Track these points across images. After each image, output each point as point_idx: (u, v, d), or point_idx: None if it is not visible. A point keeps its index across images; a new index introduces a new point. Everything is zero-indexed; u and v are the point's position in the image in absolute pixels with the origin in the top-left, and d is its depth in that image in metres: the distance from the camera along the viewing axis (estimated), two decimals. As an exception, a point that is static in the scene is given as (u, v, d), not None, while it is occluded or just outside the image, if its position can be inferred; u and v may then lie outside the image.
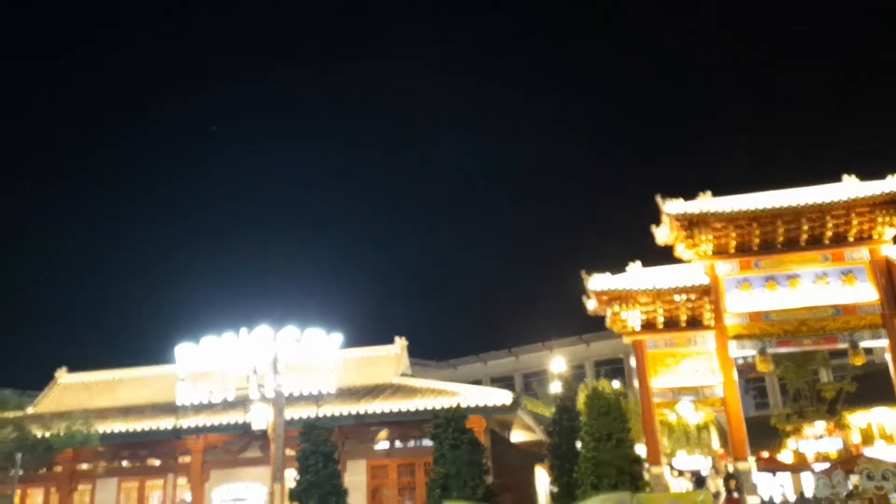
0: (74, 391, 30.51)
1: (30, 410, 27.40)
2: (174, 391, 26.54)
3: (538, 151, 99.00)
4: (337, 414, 23.76)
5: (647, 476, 21.16)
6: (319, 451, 20.35)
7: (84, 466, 26.28)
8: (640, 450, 22.57)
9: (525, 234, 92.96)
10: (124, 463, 26.66)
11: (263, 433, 22.84)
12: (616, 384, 33.97)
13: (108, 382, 30.77)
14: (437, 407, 22.12)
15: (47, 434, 22.93)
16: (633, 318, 23.51)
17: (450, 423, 19.54)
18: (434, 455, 19.78)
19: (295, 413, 22.59)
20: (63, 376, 31.69)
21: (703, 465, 27.34)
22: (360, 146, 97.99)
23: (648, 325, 23.64)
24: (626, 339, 24.03)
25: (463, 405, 21.50)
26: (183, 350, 27.02)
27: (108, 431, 24.41)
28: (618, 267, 23.86)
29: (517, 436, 29.29)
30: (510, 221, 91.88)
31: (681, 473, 27.11)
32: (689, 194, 23.63)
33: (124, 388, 29.97)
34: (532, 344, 46.63)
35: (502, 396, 23.68)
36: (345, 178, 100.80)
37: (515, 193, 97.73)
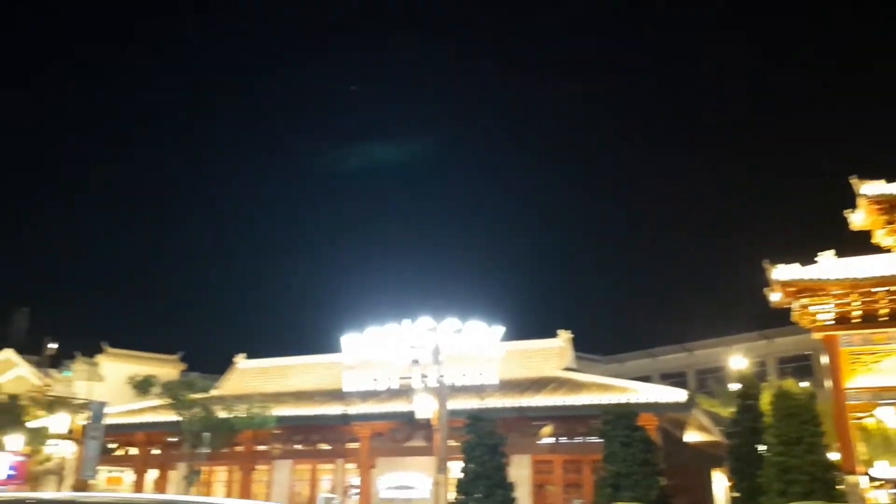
0: (251, 376, 32.30)
1: (213, 393, 29.19)
2: (341, 378, 27.55)
3: (710, 134, 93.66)
4: (500, 406, 23.34)
5: (842, 485, 19.04)
6: (485, 442, 20.01)
7: (261, 447, 27.64)
8: (833, 456, 20.37)
9: (698, 223, 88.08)
10: (297, 446, 27.80)
11: (427, 422, 22.91)
12: (804, 384, 31.10)
13: (281, 368, 32.32)
14: (604, 403, 21.13)
15: (229, 415, 24.25)
16: (824, 312, 21.23)
17: (620, 419, 18.53)
18: (604, 453, 18.83)
19: (458, 404, 22.41)
20: (241, 362, 33.68)
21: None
22: (524, 145, 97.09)
23: (842, 320, 21.21)
24: (816, 335, 21.75)
25: (633, 402, 20.37)
26: (348, 340, 27.92)
27: (284, 415, 25.43)
28: (802, 257, 21.63)
29: (691, 436, 27.52)
30: (684, 210, 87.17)
31: (881, 485, 24.26)
32: (891, 175, 20.97)
33: (295, 375, 31.34)
34: (707, 339, 43.91)
35: (676, 394, 22.25)
36: (510, 172, 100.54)
37: (689, 180, 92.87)
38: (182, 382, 26.77)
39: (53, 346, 39.36)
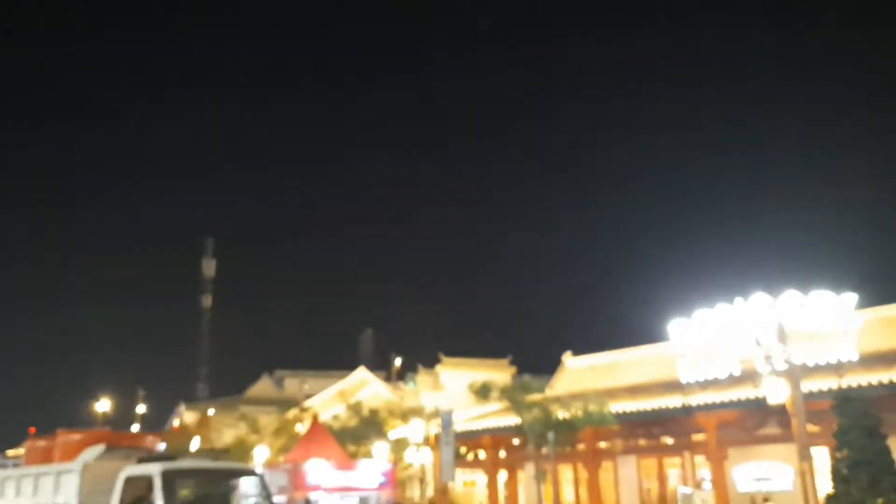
0: (581, 373, 32.51)
1: (547, 393, 29.84)
2: (675, 368, 26.40)
3: None
4: (865, 384, 20.70)
5: None
6: (860, 424, 17.75)
7: (603, 444, 27.59)
8: None
9: None
10: (640, 441, 27.27)
11: (781, 408, 21.03)
12: None
13: (610, 364, 32.10)
14: None
15: (567, 414, 24.53)
16: None
17: None
18: None
19: (813, 385, 20.30)
20: (569, 360, 34.09)
21: None
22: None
23: None
24: None
25: None
26: (676, 326, 26.71)
27: (621, 411, 25.12)
28: None
29: None
30: None
31: None
32: None
33: (626, 368, 30.87)
34: None
35: None
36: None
37: None
38: (517, 385, 27.72)
39: (398, 360, 43.45)
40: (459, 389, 29.73)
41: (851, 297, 22.53)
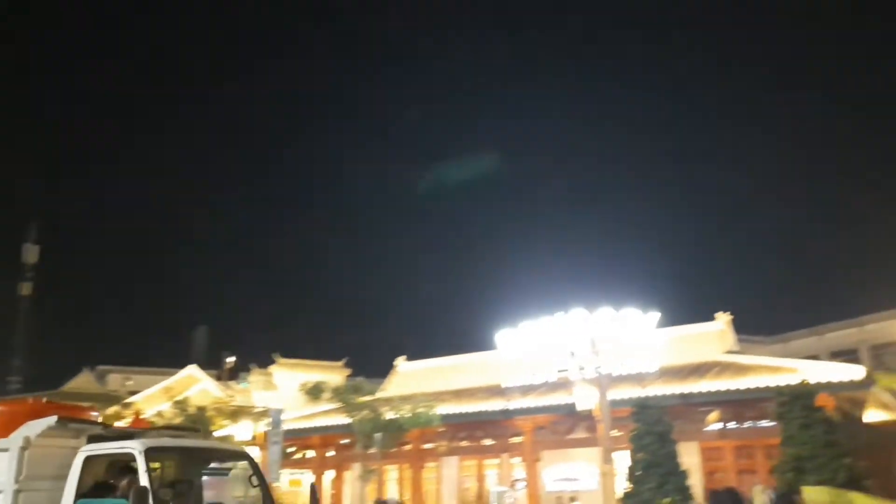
0: (412, 377, 33.54)
1: (378, 395, 30.57)
2: (499, 374, 28.03)
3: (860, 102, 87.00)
4: (663, 394, 23.02)
5: None
6: (654, 430, 19.83)
7: (428, 445, 28.66)
8: None
9: (858, 190, 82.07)
10: (463, 443, 28.62)
11: (589, 414, 22.96)
12: None
13: (440, 368, 33.39)
14: (776, 384, 20.39)
15: (396, 415, 25.34)
16: None
17: (796, 400, 17.82)
18: (781, 436, 18.18)
19: (619, 394, 22.33)
20: (402, 364, 35.04)
21: None
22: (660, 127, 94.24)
23: None
24: None
25: (808, 382, 19.53)
26: (503, 336, 28.35)
27: (447, 413, 26.26)
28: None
29: (872, 415, 25.90)
30: (840, 175, 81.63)
31: None
32: None
33: (454, 373, 32.25)
34: (881, 312, 40.94)
35: (852, 371, 21.09)
36: (652, 155, 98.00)
37: (840, 146, 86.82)
38: (349, 386, 28.14)
39: (231, 359, 42.58)
40: (294, 390, 29.76)
41: (655, 316, 25.05)
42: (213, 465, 10.10)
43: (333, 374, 36.09)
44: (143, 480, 7.84)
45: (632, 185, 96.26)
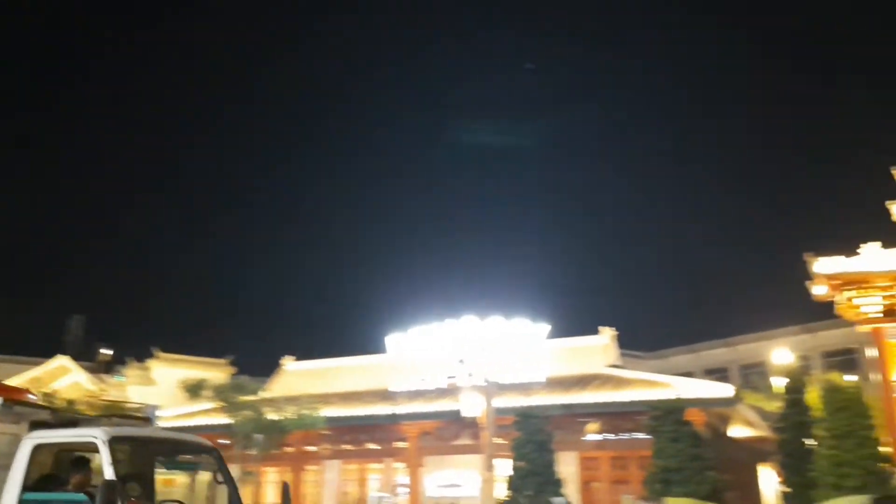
0: (299, 378, 32.91)
1: (262, 395, 29.84)
2: (387, 378, 27.99)
3: (748, 122, 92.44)
4: (546, 403, 23.54)
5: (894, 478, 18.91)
6: (534, 439, 20.26)
7: (311, 448, 28.19)
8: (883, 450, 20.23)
9: (737, 216, 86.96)
10: (346, 446, 28.30)
11: (474, 421, 23.18)
12: (849, 377, 30.73)
13: (328, 370, 32.91)
14: (651, 399, 21.26)
15: (279, 417, 24.80)
16: (869, 304, 21.08)
17: (668, 415, 18.66)
18: (653, 448, 18.97)
19: (504, 402, 22.67)
20: (289, 364, 34.34)
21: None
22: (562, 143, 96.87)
23: (889, 312, 21.06)
24: (862, 328, 21.63)
25: (680, 397, 20.48)
26: (393, 340, 28.34)
27: (332, 416, 25.91)
28: (844, 248, 21.46)
29: (736, 431, 27.47)
30: (720, 202, 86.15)
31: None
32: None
33: (342, 376, 31.87)
34: (750, 333, 43.59)
35: (722, 389, 22.32)
36: (550, 171, 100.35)
37: (725, 171, 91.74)
38: (232, 385, 27.34)
39: (107, 352, 40.47)
40: (173, 386, 28.59)
41: (545, 328, 25.72)
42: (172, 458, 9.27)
43: (217, 372, 34.95)
44: (109, 473, 6.92)
45: (531, 195, 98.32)
